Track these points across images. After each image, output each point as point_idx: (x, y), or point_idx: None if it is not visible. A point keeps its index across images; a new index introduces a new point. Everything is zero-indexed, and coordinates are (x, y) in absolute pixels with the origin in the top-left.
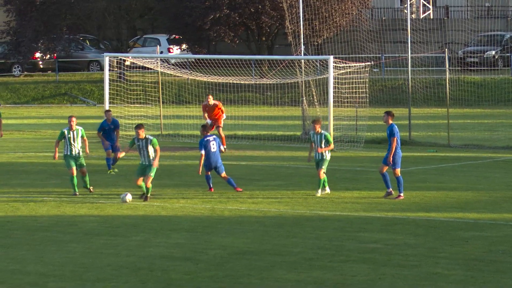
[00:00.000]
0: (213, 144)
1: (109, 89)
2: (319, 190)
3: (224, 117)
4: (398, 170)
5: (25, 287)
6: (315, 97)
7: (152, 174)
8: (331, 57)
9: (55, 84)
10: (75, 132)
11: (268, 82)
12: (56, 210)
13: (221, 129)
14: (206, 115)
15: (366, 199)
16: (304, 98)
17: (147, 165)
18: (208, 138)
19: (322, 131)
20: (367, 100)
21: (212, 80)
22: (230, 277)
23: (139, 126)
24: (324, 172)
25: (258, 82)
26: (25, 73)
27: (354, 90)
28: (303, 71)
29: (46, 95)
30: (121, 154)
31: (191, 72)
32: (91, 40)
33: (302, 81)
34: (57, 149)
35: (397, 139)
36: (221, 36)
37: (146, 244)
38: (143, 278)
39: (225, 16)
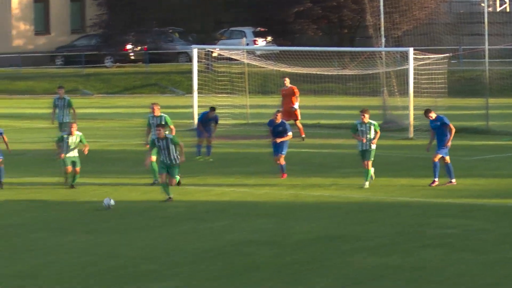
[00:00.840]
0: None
1: (197, 79)
2: (366, 182)
3: (297, 105)
4: (447, 158)
5: (117, 270)
6: (395, 87)
7: (177, 176)
8: (411, 49)
9: (145, 74)
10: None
11: (349, 73)
12: (146, 196)
13: (298, 121)
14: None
15: (445, 186)
16: (385, 89)
17: (169, 164)
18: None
19: (370, 121)
20: (446, 90)
21: (295, 71)
22: (313, 260)
23: (160, 125)
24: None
25: (339, 73)
26: (117, 64)
27: (432, 81)
28: (384, 63)
29: (136, 85)
30: (148, 161)
31: (276, 63)
32: (180, 32)
33: (383, 72)
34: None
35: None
36: (304, 29)
37: (231, 229)
38: (228, 262)
39: (308, 10)
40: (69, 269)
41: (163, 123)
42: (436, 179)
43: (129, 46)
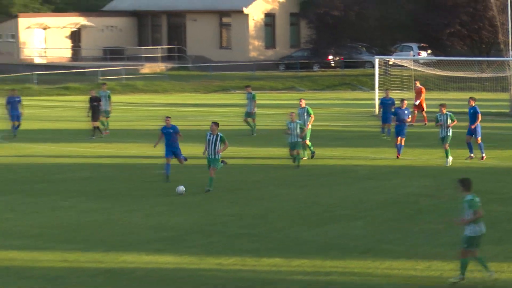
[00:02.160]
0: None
1: (378, 80)
2: (448, 159)
3: (417, 102)
4: (479, 138)
5: (320, 214)
6: None
7: (218, 166)
8: None
9: (341, 76)
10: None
11: (486, 76)
12: (349, 161)
13: (424, 112)
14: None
15: None
16: None
17: (212, 158)
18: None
19: (447, 112)
20: None
21: (447, 74)
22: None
23: (215, 123)
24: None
25: (479, 76)
26: (322, 69)
27: None
28: (511, 68)
29: (335, 84)
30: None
31: (434, 69)
32: (366, 47)
33: (510, 75)
34: None
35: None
36: (454, 44)
37: (402, 185)
38: (401, 208)
39: (457, 31)
40: (286, 213)
41: (303, 116)
42: (472, 154)
43: (330, 57)
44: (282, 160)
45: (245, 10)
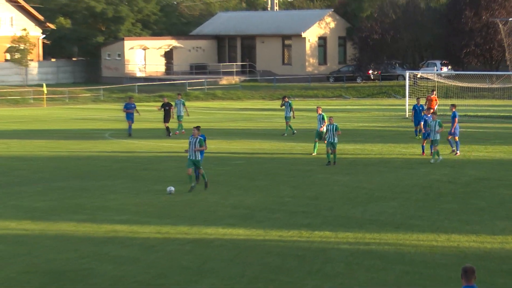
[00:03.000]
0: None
1: (408, 90)
2: (439, 158)
3: (436, 107)
4: (457, 137)
5: (360, 196)
6: None
7: (200, 165)
8: None
9: (379, 87)
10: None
11: (495, 86)
12: (384, 154)
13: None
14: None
15: None
16: None
17: (193, 159)
18: None
19: (437, 119)
20: None
21: (464, 85)
22: (475, 191)
23: (196, 128)
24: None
25: (489, 86)
26: (363, 81)
27: None
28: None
29: (374, 93)
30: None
31: (453, 81)
32: (399, 63)
33: None
34: None
35: (456, 119)
36: (470, 61)
37: (427, 173)
38: (426, 192)
39: (472, 51)
40: (333, 195)
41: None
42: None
43: (370, 71)
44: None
45: (303, 34)
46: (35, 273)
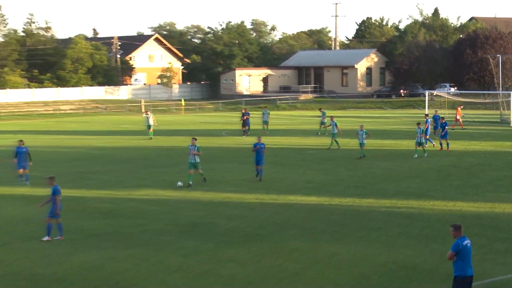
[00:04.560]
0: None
1: (428, 103)
2: (424, 154)
3: (458, 116)
4: (427, 136)
5: (396, 176)
6: (504, 106)
7: (199, 167)
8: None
9: (407, 101)
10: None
11: (487, 101)
12: (405, 147)
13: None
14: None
15: None
16: (502, 105)
17: (194, 162)
18: None
19: (421, 127)
20: None
21: (465, 100)
22: (472, 173)
23: (194, 139)
24: None
25: (483, 101)
26: (396, 97)
27: None
28: (500, 97)
29: (403, 105)
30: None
31: (458, 97)
32: (421, 85)
33: (500, 101)
34: None
35: (428, 125)
36: (469, 84)
37: (439, 160)
38: (435, 172)
39: (471, 77)
40: (376, 174)
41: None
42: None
43: (401, 91)
44: (368, 150)
45: (356, 66)
46: (176, 225)
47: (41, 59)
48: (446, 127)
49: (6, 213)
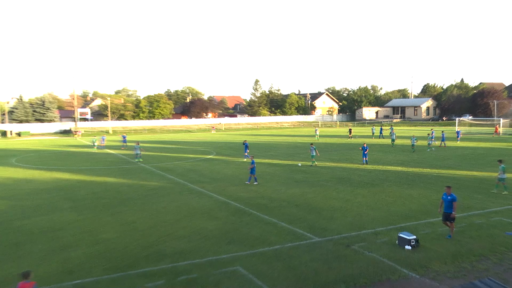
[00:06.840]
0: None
1: (458, 124)
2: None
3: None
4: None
5: (410, 176)
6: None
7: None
8: None
9: (446, 122)
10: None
11: (488, 123)
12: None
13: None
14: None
15: None
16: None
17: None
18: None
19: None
20: None
21: (477, 122)
22: (470, 158)
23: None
24: None
25: (486, 123)
26: (442, 120)
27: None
28: (495, 113)
29: (445, 124)
30: None
31: (473, 120)
32: (455, 115)
33: (495, 122)
34: None
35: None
36: (479, 113)
37: (456, 151)
38: (457, 157)
39: (481, 110)
40: (396, 174)
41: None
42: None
43: (444, 118)
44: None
45: (421, 106)
46: (335, 178)
47: (275, 104)
48: (444, 139)
49: None
